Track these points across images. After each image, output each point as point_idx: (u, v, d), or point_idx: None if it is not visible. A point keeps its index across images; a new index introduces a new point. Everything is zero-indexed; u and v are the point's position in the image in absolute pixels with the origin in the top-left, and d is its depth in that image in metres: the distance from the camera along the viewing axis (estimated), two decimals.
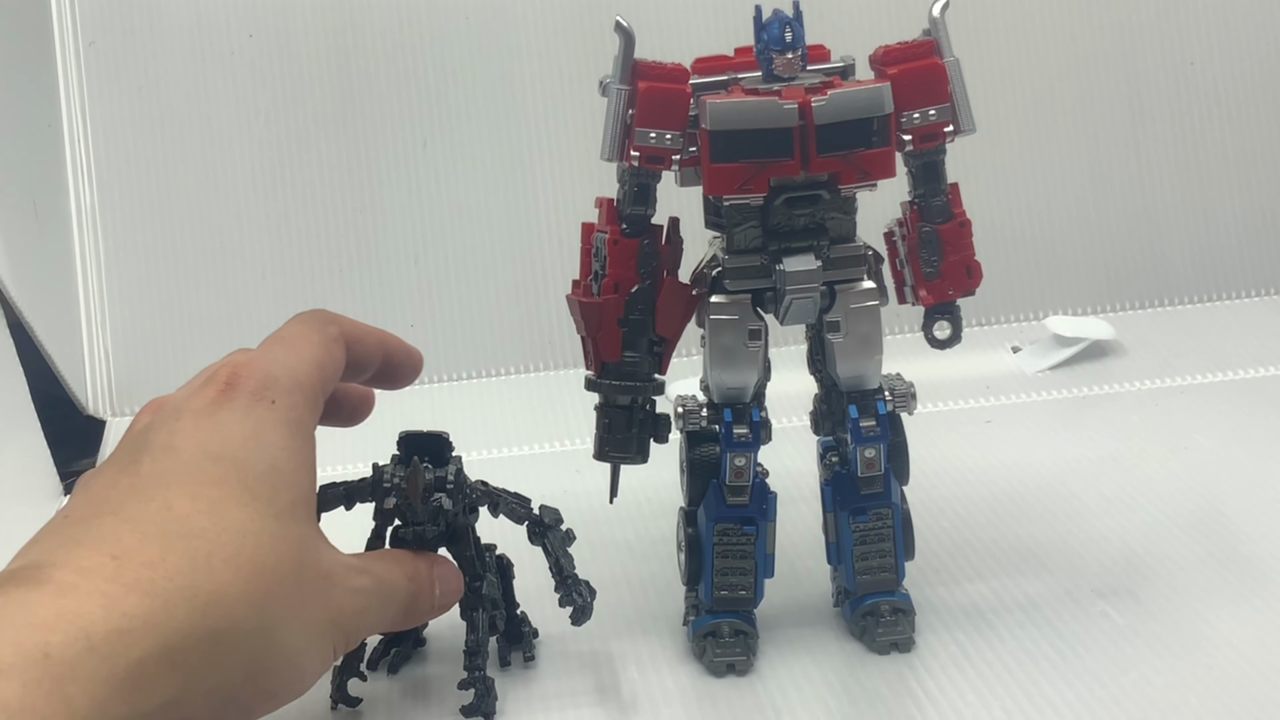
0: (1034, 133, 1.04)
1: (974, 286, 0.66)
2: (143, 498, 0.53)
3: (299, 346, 0.61)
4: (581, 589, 0.65)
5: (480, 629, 0.64)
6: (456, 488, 0.64)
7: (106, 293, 1.00)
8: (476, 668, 0.64)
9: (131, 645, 0.49)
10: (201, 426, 0.56)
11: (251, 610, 0.53)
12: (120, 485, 0.55)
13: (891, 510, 0.66)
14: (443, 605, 0.63)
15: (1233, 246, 1.05)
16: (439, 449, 0.64)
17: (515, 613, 0.68)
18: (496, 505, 0.65)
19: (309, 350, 0.61)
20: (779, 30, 0.62)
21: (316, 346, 0.61)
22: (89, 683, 0.47)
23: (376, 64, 1.02)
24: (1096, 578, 0.72)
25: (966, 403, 0.94)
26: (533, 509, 0.66)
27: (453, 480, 0.64)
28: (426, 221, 1.02)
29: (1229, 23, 1.05)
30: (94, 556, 0.50)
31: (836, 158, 0.61)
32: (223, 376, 0.58)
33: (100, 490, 0.55)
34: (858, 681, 0.65)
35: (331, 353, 0.62)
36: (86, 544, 0.51)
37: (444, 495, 0.63)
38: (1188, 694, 0.63)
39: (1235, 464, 0.83)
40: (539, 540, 0.66)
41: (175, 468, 0.54)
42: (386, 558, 0.62)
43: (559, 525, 0.66)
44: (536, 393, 0.98)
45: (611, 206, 0.64)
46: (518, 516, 0.66)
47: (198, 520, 0.53)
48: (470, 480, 0.65)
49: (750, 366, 0.65)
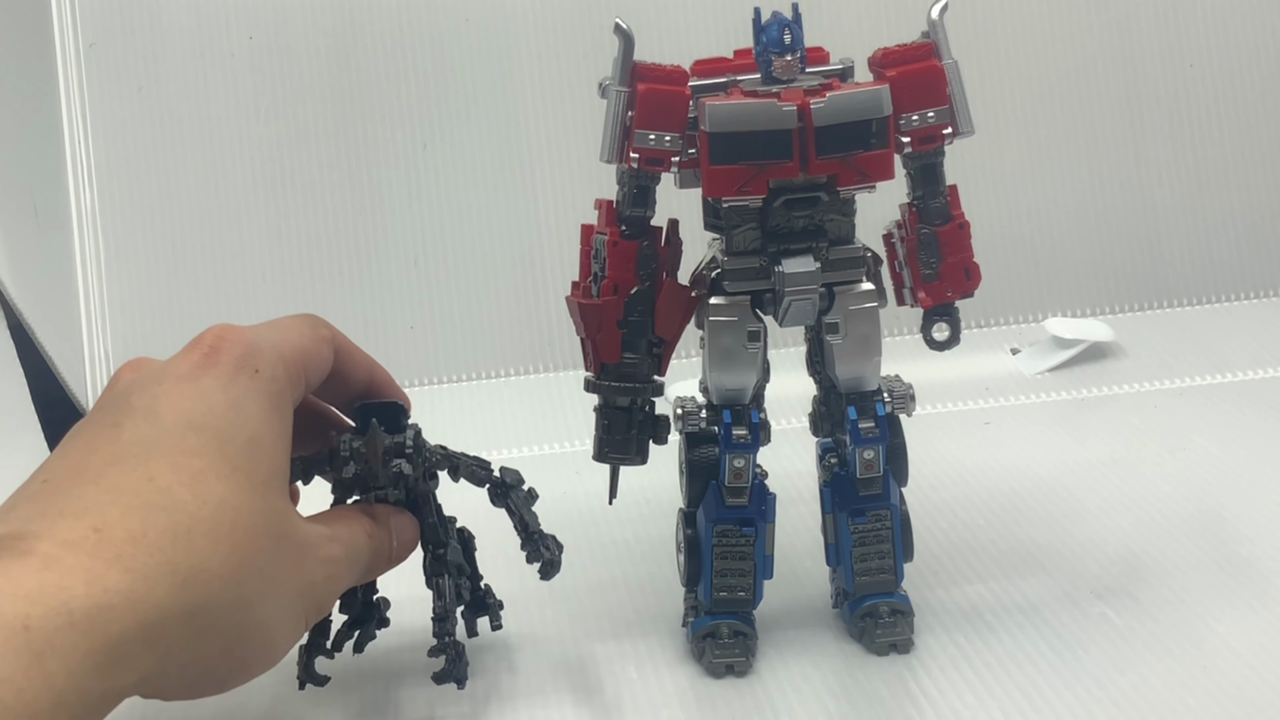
0: (1033, 135, 1.04)
1: (973, 288, 0.66)
2: (124, 466, 0.53)
3: (286, 330, 0.61)
4: (549, 542, 0.65)
5: (447, 595, 0.64)
6: (415, 451, 0.63)
7: (106, 293, 1.00)
8: (446, 633, 0.64)
9: (111, 621, 0.49)
10: (184, 393, 0.56)
11: (230, 585, 0.53)
12: (101, 451, 0.54)
13: (890, 512, 0.67)
14: (399, 556, 0.64)
15: (1232, 248, 1.05)
16: (395, 417, 0.64)
17: (479, 584, 0.68)
18: (457, 469, 0.65)
19: (296, 335, 0.61)
20: (778, 32, 0.62)
21: (305, 336, 0.61)
22: (68, 657, 0.47)
23: (376, 65, 1.02)
24: (1095, 579, 0.72)
25: (965, 404, 0.94)
26: (493, 472, 0.66)
27: (411, 444, 0.63)
28: (426, 223, 1.02)
29: (1228, 25, 1.06)
30: (77, 528, 0.50)
31: (835, 160, 0.61)
32: (207, 342, 0.58)
33: (80, 455, 0.55)
34: (856, 683, 0.65)
35: (319, 348, 0.62)
36: (69, 514, 0.51)
37: (403, 460, 0.63)
38: (1186, 695, 0.63)
39: (1234, 465, 0.83)
40: (501, 501, 0.66)
41: (156, 436, 0.54)
42: (347, 518, 0.62)
43: (520, 485, 0.66)
44: (536, 394, 0.98)
45: (611, 208, 0.64)
46: (478, 479, 0.65)
47: (179, 492, 0.53)
48: (429, 445, 0.65)
49: (749, 368, 0.65)
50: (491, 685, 0.67)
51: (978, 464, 0.85)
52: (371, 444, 0.63)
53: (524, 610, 0.71)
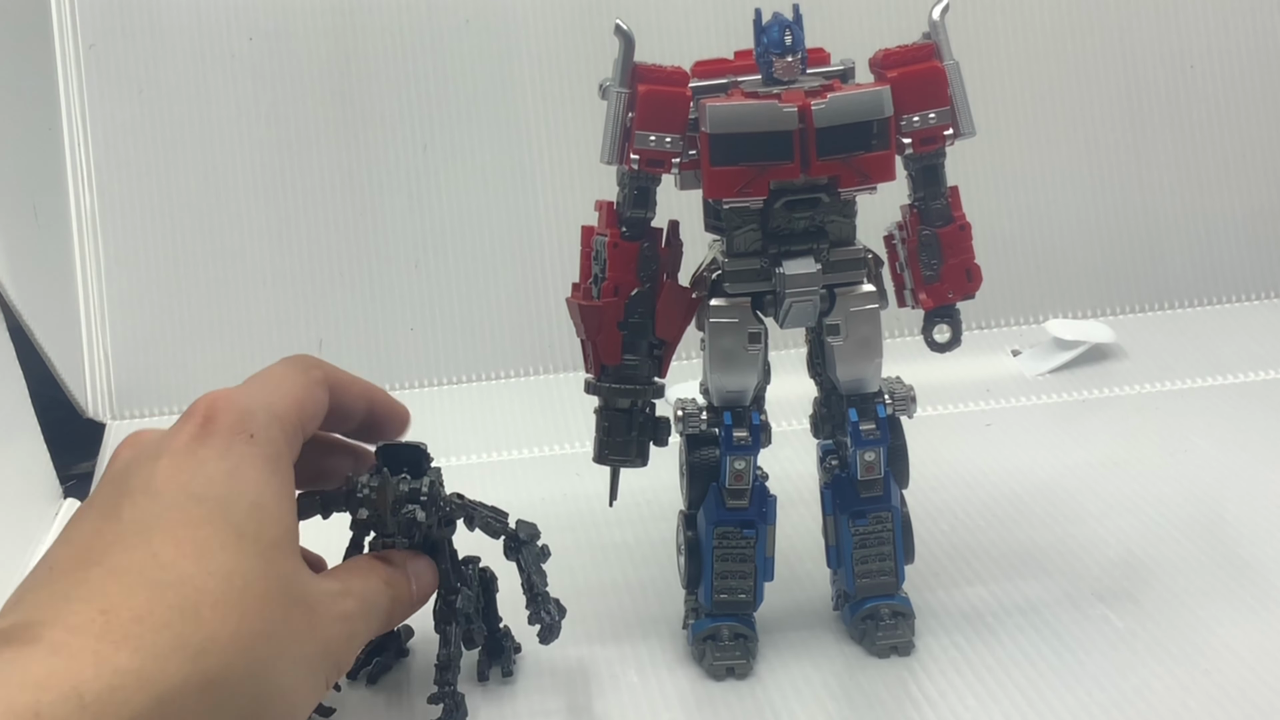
0: (1034, 136, 1.04)
1: (974, 290, 0.66)
2: (127, 546, 0.53)
3: (279, 383, 0.60)
4: (550, 607, 0.65)
5: (453, 643, 0.64)
6: (430, 499, 0.63)
7: (106, 296, 1.00)
8: (446, 682, 0.64)
9: (124, 702, 0.48)
10: (181, 466, 0.55)
11: (242, 654, 0.52)
12: (104, 533, 0.54)
13: (891, 514, 0.67)
14: (420, 599, 0.63)
15: (1232, 250, 1.05)
16: (417, 460, 0.64)
17: (497, 626, 0.67)
18: (472, 519, 0.65)
19: (288, 387, 0.60)
20: (779, 33, 0.62)
21: (297, 385, 0.61)
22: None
23: (376, 67, 1.02)
24: (1096, 581, 0.72)
25: (966, 406, 0.94)
26: (509, 523, 0.65)
27: (427, 492, 0.63)
28: (427, 225, 1.02)
29: (1228, 27, 1.05)
30: (84, 612, 0.50)
31: (836, 161, 0.61)
32: (200, 412, 0.57)
33: (84, 539, 0.54)
34: (857, 685, 0.65)
35: (313, 393, 0.61)
36: (75, 599, 0.51)
37: (417, 507, 0.63)
38: (1187, 698, 0.63)
39: (1235, 467, 0.83)
40: (513, 555, 0.65)
41: (157, 511, 0.54)
42: (363, 569, 0.61)
43: (534, 540, 0.65)
44: (536, 396, 0.98)
45: (611, 210, 0.64)
46: (493, 530, 0.65)
47: (183, 566, 0.52)
48: (446, 493, 0.64)
49: (750, 370, 0.65)
50: (492, 688, 0.67)
51: (979, 466, 0.85)
52: (382, 493, 0.62)
53: (523, 612, 0.71)
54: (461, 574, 0.65)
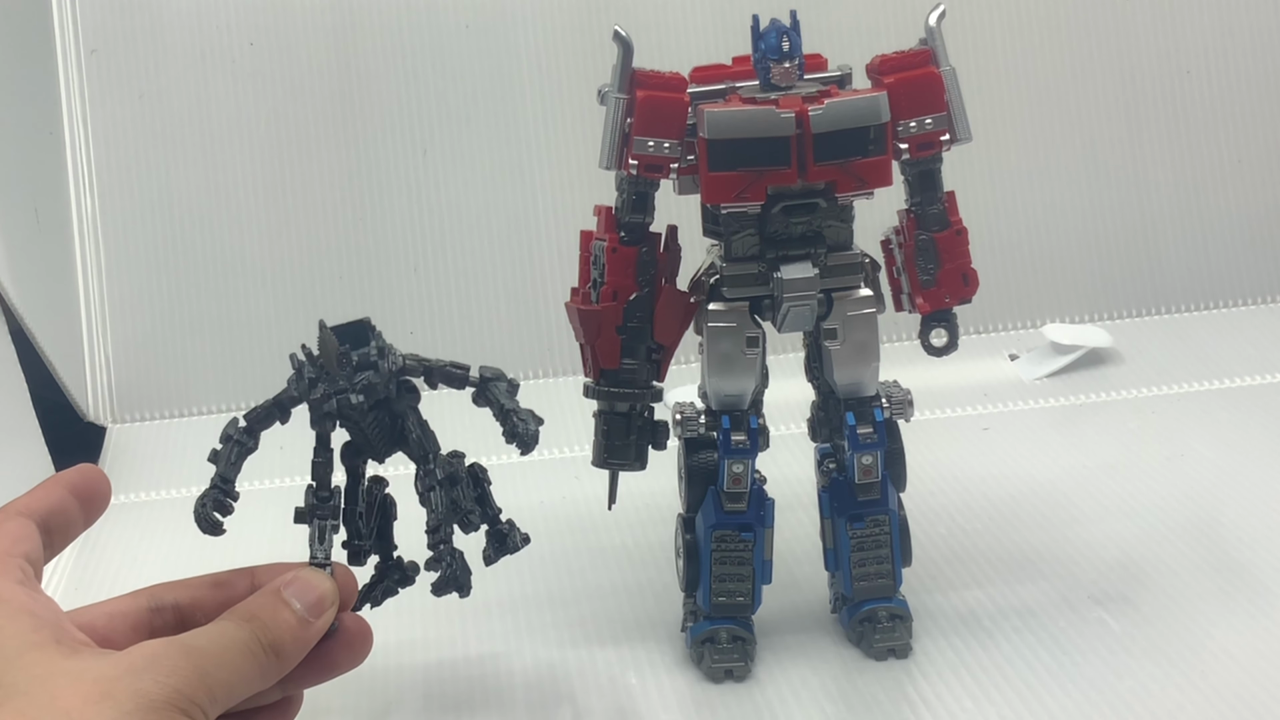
0: (1031, 141, 1.04)
1: (970, 294, 0.66)
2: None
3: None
4: (526, 416, 0.63)
5: (437, 507, 0.62)
6: (380, 354, 0.61)
7: (107, 299, 1.00)
8: (441, 541, 0.61)
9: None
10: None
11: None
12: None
13: (889, 517, 0.67)
14: (315, 613, 0.57)
15: (1229, 255, 1.05)
16: (362, 335, 0.61)
17: (498, 516, 0.64)
18: (431, 373, 0.62)
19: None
20: (776, 39, 0.62)
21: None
22: None
23: (377, 71, 1.02)
24: (1093, 584, 0.72)
25: (964, 410, 0.94)
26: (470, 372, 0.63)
27: (376, 351, 0.61)
28: (426, 229, 1.02)
29: (1226, 32, 1.06)
30: None
31: (833, 166, 0.62)
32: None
33: None
34: (855, 687, 0.65)
35: (8, 532, 0.56)
36: None
37: (370, 372, 0.60)
38: (1183, 700, 0.63)
39: (1232, 471, 0.83)
40: (482, 399, 0.63)
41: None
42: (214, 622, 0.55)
43: (501, 379, 0.63)
44: (535, 400, 0.96)
45: (610, 214, 0.65)
46: (456, 380, 0.63)
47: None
48: (398, 352, 0.62)
49: (748, 374, 0.65)
50: (491, 690, 0.67)
51: (976, 469, 0.85)
52: (324, 347, 0.59)
53: (523, 615, 0.71)
54: (434, 442, 0.63)
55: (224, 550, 0.64)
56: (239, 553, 0.65)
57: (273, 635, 0.55)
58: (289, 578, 0.57)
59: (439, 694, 0.66)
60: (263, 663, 0.54)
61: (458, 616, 0.69)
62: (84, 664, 0.51)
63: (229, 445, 0.61)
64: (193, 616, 0.59)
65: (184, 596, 0.59)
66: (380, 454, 0.63)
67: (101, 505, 0.60)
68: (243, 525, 0.62)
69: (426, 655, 0.69)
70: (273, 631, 0.55)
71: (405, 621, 0.68)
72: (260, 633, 0.54)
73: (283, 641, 0.55)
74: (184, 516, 0.60)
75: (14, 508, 0.57)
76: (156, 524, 0.85)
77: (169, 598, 0.59)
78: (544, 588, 0.75)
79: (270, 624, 0.55)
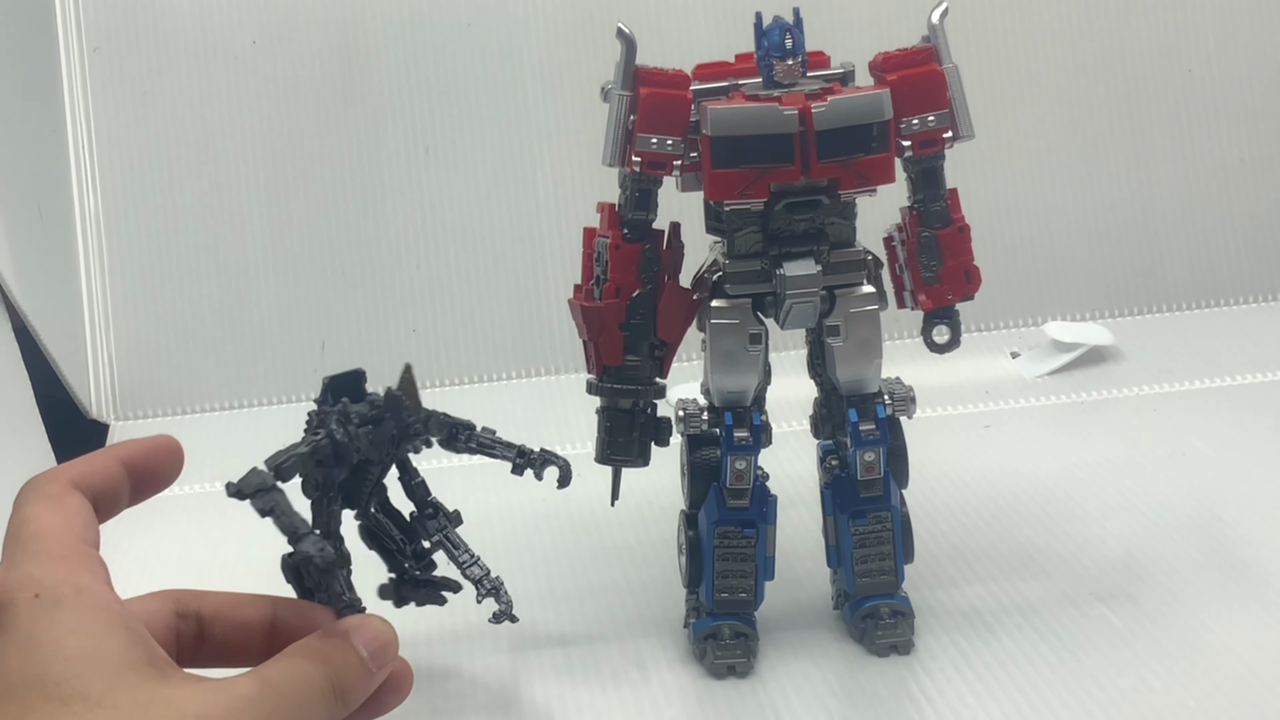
0: (1033, 139, 1.04)
1: (973, 291, 0.66)
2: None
3: (31, 527, 0.54)
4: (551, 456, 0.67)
5: (458, 543, 0.64)
6: (389, 406, 0.62)
7: (110, 297, 1.00)
8: (485, 574, 0.64)
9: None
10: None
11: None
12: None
13: (891, 513, 0.67)
14: (379, 662, 0.56)
15: (1230, 252, 1.05)
16: (358, 386, 0.62)
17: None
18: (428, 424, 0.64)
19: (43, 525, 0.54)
20: (779, 37, 0.62)
21: (44, 519, 0.55)
22: None
23: (379, 70, 1.02)
24: (1095, 581, 0.72)
25: (965, 407, 0.94)
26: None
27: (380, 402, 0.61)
28: (429, 227, 1.02)
29: (1227, 30, 1.06)
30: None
31: (836, 163, 0.62)
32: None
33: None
34: (857, 683, 0.65)
35: (64, 508, 0.55)
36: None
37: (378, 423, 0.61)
38: (1185, 697, 0.63)
39: (1233, 469, 0.83)
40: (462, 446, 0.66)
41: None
42: (285, 654, 0.55)
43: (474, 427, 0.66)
44: (538, 397, 0.99)
45: (613, 211, 0.65)
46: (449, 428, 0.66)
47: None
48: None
49: (750, 370, 0.65)
50: (495, 687, 0.67)
51: (978, 466, 0.85)
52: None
53: (526, 612, 0.71)
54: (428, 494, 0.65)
55: (224, 550, 0.64)
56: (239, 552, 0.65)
57: (343, 681, 0.55)
58: (356, 623, 0.56)
59: (441, 692, 0.66)
60: (330, 707, 0.54)
61: (460, 614, 0.69)
62: (181, 694, 0.50)
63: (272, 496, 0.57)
64: (211, 629, 0.58)
65: (206, 608, 0.59)
66: (366, 503, 0.63)
67: (157, 486, 0.59)
68: (243, 525, 0.62)
69: (430, 653, 0.69)
70: (344, 678, 0.55)
71: (406, 620, 0.68)
72: (334, 677, 0.54)
73: (350, 687, 0.55)
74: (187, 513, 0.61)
75: (66, 476, 0.56)
76: (159, 521, 0.85)
77: (193, 606, 0.59)
78: (546, 584, 0.75)
79: (342, 669, 0.55)
